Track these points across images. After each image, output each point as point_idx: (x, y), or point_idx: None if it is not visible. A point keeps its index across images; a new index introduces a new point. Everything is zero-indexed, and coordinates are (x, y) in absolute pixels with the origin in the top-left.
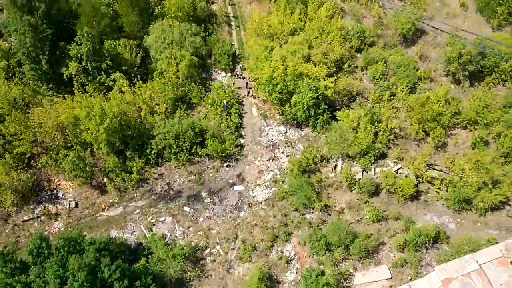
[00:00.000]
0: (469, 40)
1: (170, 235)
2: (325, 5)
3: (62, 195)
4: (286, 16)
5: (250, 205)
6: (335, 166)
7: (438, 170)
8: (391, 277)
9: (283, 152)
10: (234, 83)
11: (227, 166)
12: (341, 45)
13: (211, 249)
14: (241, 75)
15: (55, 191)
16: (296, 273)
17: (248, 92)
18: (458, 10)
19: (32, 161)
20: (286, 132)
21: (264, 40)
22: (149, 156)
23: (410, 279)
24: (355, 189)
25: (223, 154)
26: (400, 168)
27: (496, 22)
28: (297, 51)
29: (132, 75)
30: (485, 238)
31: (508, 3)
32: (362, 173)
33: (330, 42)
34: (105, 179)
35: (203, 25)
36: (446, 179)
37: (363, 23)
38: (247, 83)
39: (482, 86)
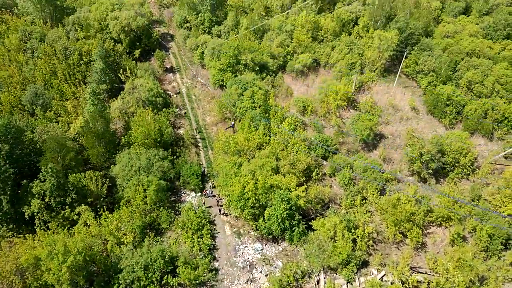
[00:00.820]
0: (426, 140)
1: None
2: (287, 120)
3: None
4: (251, 133)
5: None
6: (318, 281)
7: (422, 273)
8: None
9: (261, 272)
10: (204, 203)
11: None
12: (306, 155)
13: None
14: (211, 193)
15: None
16: None
17: (220, 210)
18: (410, 114)
19: None
20: (263, 248)
21: (232, 157)
22: None
23: None
24: None
25: (197, 282)
26: (385, 275)
27: (447, 121)
28: (265, 164)
29: (98, 206)
30: None
31: (454, 103)
32: (347, 286)
33: (296, 153)
34: None
35: (170, 149)
36: (432, 282)
37: (324, 133)
38: (218, 201)
39: (448, 182)
